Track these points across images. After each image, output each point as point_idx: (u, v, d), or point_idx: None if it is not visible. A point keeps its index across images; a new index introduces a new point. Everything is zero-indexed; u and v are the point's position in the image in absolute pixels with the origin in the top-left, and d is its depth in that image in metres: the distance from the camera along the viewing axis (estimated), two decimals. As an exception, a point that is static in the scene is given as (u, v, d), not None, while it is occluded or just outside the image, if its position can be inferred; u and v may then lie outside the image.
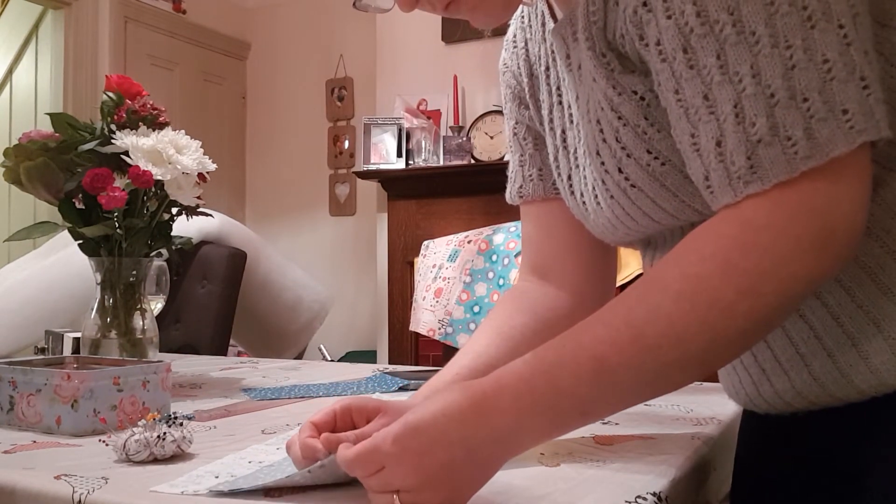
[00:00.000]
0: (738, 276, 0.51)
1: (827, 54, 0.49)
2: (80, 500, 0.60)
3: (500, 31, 0.88)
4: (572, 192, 0.76)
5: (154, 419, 0.73)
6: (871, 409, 0.62)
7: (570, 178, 0.76)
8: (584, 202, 0.74)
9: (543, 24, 0.78)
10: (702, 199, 0.60)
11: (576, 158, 0.74)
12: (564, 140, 0.76)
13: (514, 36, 0.87)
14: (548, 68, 0.78)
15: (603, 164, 0.66)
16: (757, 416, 0.76)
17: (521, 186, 0.87)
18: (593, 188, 0.70)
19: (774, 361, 0.67)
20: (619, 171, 0.64)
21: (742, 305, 0.51)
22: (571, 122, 0.74)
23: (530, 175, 0.85)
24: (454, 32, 3.49)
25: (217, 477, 0.65)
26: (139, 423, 0.73)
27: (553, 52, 0.75)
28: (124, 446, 0.70)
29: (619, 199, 0.66)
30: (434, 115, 3.55)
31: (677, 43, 0.53)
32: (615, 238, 0.75)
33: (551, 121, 0.78)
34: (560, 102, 0.76)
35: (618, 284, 1.62)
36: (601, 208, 0.70)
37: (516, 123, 0.87)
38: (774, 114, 0.50)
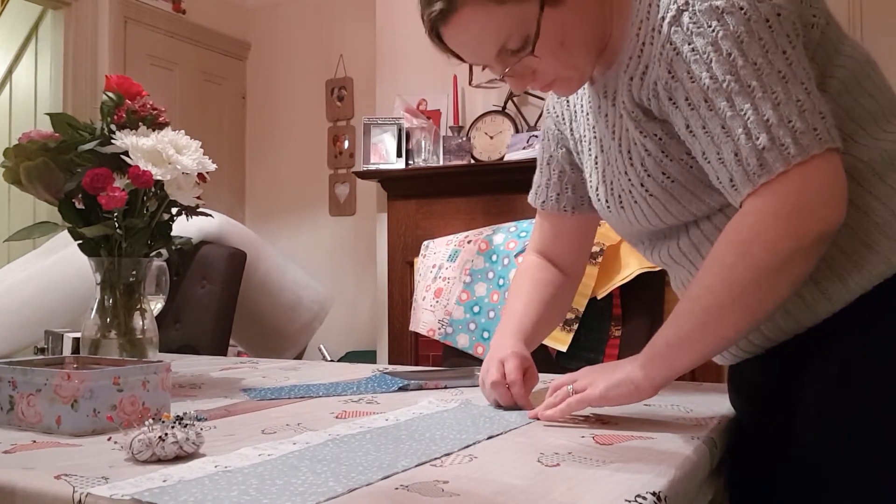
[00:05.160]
0: (736, 245, 0.81)
1: (799, 97, 0.79)
2: (80, 500, 0.60)
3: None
4: (598, 199, 1.07)
5: (161, 419, 0.73)
6: (796, 352, 0.89)
7: (597, 189, 1.06)
8: (608, 206, 1.04)
9: None
10: (696, 205, 0.92)
11: (603, 176, 1.04)
12: (596, 163, 1.05)
13: None
14: (587, 113, 1.07)
15: (630, 180, 0.96)
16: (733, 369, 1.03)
17: (543, 201, 1.21)
18: (619, 196, 1.00)
19: None
20: (642, 185, 0.95)
21: (742, 263, 0.80)
22: (602, 150, 1.03)
23: (551, 196, 1.20)
24: (454, 32, 3.48)
25: (165, 481, 0.64)
26: (146, 422, 0.73)
27: (589, 100, 1.05)
28: (131, 445, 0.71)
29: (640, 204, 0.97)
30: (434, 115, 3.54)
31: (700, 97, 0.82)
32: (627, 231, 1.06)
33: (590, 149, 1.07)
34: (595, 136, 1.05)
35: (618, 284, 1.62)
36: (624, 210, 1.00)
37: (550, 157, 1.18)
38: (771, 130, 0.78)
